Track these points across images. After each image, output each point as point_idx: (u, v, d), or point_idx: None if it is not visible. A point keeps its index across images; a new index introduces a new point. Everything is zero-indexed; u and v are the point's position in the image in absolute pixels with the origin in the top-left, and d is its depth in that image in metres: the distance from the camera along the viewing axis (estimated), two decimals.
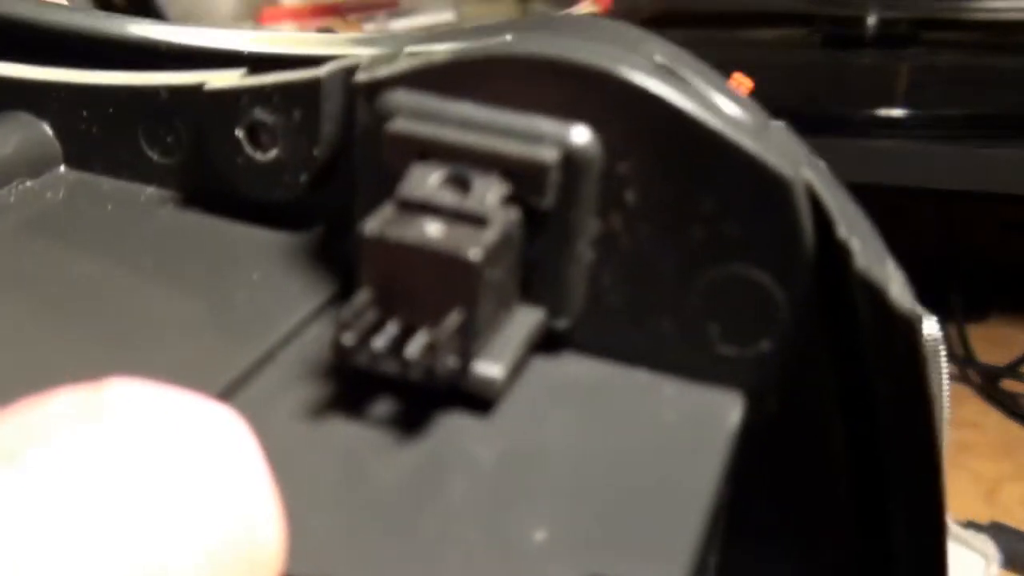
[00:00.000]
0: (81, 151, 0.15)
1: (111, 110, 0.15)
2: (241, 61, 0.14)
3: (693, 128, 0.11)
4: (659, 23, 0.64)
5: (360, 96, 0.12)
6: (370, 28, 0.62)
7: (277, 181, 0.13)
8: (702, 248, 0.12)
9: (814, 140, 0.49)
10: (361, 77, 0.12)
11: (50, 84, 0.15)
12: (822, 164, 0.13)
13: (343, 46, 0.13)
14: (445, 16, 0.68)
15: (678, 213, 0.12)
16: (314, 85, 0.13)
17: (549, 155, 0.11)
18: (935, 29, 0.59)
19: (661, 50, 0.12)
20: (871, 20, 0.56)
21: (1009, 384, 0.60)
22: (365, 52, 0.13)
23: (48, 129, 0.15)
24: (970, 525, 0.44)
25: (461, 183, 0.11)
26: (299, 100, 0.13)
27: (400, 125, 0.12)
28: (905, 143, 0.51)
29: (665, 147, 0.11)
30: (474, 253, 0.11)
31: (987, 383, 0.60)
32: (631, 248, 0.12)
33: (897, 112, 0.52)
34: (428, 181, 0.11)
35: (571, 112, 0.11)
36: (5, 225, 0.14)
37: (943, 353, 0.36)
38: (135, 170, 0.15)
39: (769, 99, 0.38)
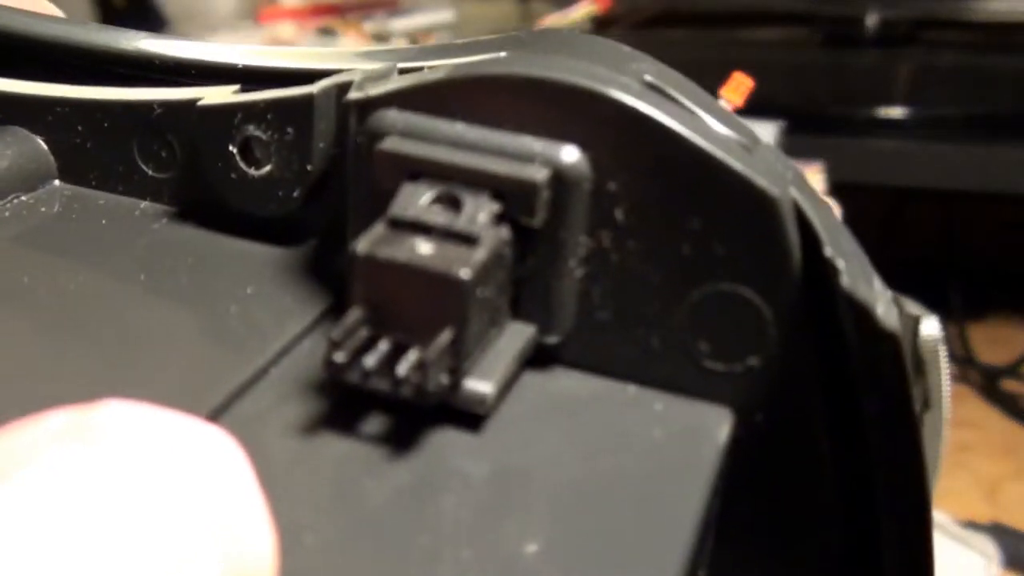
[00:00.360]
0: (76, 165, 0.15)
1: (105, 125, 0.15)
2: (235, 75, 0.14)
3: (681, 147, 0.11)
4: (659, 23, 0.64)
5: (352, 115, 0.12)
6: (369, 27, 0.62)
7: (271, 196, 0.13)
8: (691, 265, 0.12)
9: (814, 140, 0.49)
10: (353, 96, 0.12)
11: (44, 99, 0.15)
12: (808, 185, 0.13)
13: (337, 60, 0.14)
14: (444, 15, 0.68)
15: (667, 231, 0.12)
16: (307, 102, 0.13)
17: (539, 174, 0.11)
18: (935, 29, 0.59)
19: (650, 69, 0.12)
20: (871, 20, 0.56)
21: (1009, 384, 0.60)
22: (358, 67, 0.13)
23: (42, 143, 0.15)
24: (970, 525, 0.44)
25: (452, 202, 0.12)
26: (292, 117, 0.13)
27: (391, 144, 0.12)
28: (905, 143, 0.51)
29: (654, 166, 0.12)
30: (464, 272, 0.11)
31: (987, 383, 0.60)
32: (621, 265, 0.12)
33: (897, 112, 0.52)
34: (419, 200, 0.11)
35: (561, 131, 0.11)
36: (1, 240, 0.14)
37: (944, 353, 0.36)
38: (130, 184, 0.15)
39: (769, 99, 0.38)
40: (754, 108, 0.34)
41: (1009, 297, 0.68)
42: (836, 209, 0.38)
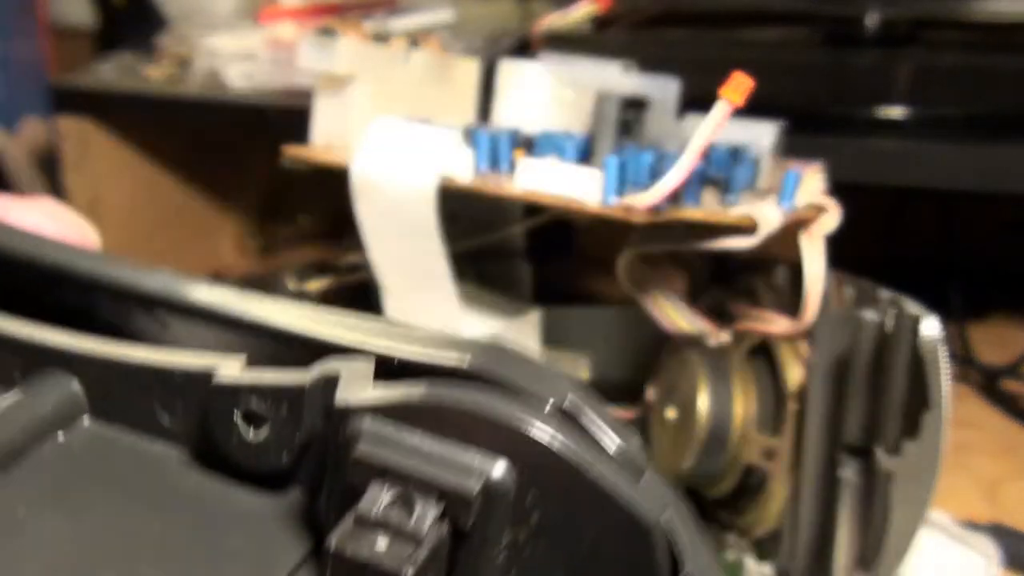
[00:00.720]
0: (104, 406, 0.18)
1: (132, 380, 0.18)
2: (251, 330, 0.18)
3: (579, 477, 0.15)
4: (659, 23, 0.64)
5: (335, 416, 0.16)
6: (369, 26, 0.62)
7: (265, 457, 0.17)
8: (586, 566, 0.15)
9: (814, 140, 0.49)
10: (338, 403, 0.16)
11: (81, 350, 0.18)
12: (683, 508, 0.16)
13: (337, 330, 0.17)
14: (444, 15, 0.68)
15: (568, 536, 0.15)
16: (300, 390, 0.16)
17: (473, 486, 0.15)
18: (935, 29, 0.59)
19: (574, 391, 0.16)
20: (871, 20, 0.56)
21: (1009, 384, 0.60)
22: (350, 340, 0.17)
23: (77, 384, 0.18)
24: (970, 525, 0.44)
25: (408, 501, 0.15)
26: (287, 399, 0.16)
27: (363, 452, 0.15)
28: (905, 143, 0.51)
29: (559, 487, 0.15)
30: (407, 573, 0.14)
31: (987, 383, 0.60)
32: (532, 557, 0.15)
33: (897, 112, 0.52)
34: (382, 498, 0.15)
35: (497, 448, 0.15)
36: (37, 482, 0.17)
37: (944, 353, 0.36)
38: (148, 427, 0.18)
39: (769, 99, 0.38)
40: (754, 108, 0.34)
41: (1009, 297, 0.68)
42: (836, 209, 0.38)
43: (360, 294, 0.45)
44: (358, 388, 0.16)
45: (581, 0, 0.54)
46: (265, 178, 0.82)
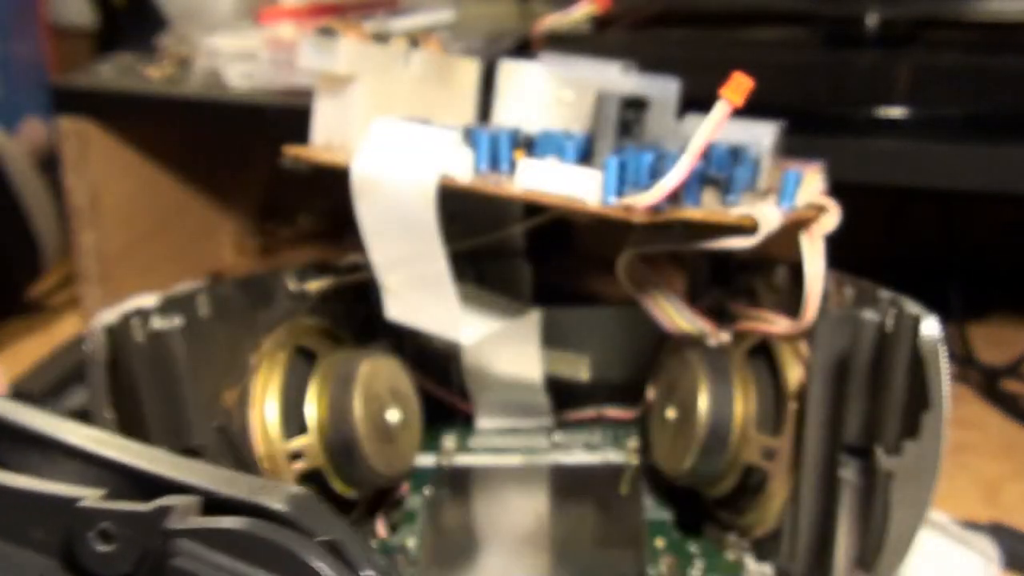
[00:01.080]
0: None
1: (15, 499, 0.23)
2: (114, 469, 0.23)
3: None
4: (659, 22, 0.64)
5: (166, 536, 0.21)
6: (369, 27, 0.62)
7: (111, 566, 0.21)
8: None
9: (814, 140, 0.49)
10: (168, 527, 0.21)
11: None
12: None
13: (181, 471, 0.23)
14: (444, 15, 0.68)
15: None
16: (143, 516, 0.21)
17: None
18: (935, 29, 0.59)
19: (346, 535, 0.21)
20: (871, 20, 0.56)
21: (1009, 384, 0.60)
22: (195, 484, 0.22)
23: None
24: (970, 525, 0.44)
25: None
26: (132, 521, 0.21)
27: (180, 563, 0.20)
28: (905, 143, 0.51)
29: None
30: None
31: (987, 383, 0.60)
32: None
33: (897, 112, 0.52)
34: None
35: (281, 569, 0.20)
36: None
37: (944, 353, 0.36)
38: (25, 540, 0.23)
39: (769, 99, 0.37)
40: (754, 108, 0.34)
41: (1009, 297, 0.68)
42: (836, 209, 0.38)
43: (360, 294, 0.45)
44: (185, 518, 0.21)
45: (581, 0, 0.54)
46: (265, 178, 0.82)
